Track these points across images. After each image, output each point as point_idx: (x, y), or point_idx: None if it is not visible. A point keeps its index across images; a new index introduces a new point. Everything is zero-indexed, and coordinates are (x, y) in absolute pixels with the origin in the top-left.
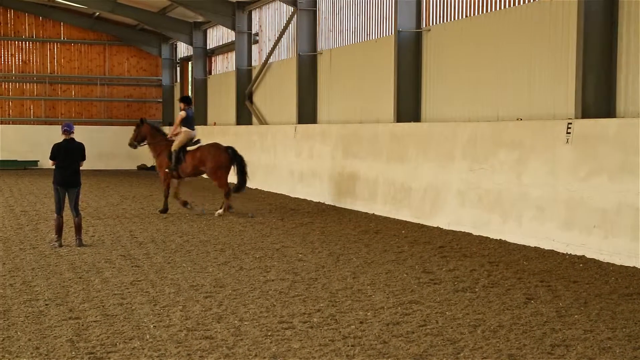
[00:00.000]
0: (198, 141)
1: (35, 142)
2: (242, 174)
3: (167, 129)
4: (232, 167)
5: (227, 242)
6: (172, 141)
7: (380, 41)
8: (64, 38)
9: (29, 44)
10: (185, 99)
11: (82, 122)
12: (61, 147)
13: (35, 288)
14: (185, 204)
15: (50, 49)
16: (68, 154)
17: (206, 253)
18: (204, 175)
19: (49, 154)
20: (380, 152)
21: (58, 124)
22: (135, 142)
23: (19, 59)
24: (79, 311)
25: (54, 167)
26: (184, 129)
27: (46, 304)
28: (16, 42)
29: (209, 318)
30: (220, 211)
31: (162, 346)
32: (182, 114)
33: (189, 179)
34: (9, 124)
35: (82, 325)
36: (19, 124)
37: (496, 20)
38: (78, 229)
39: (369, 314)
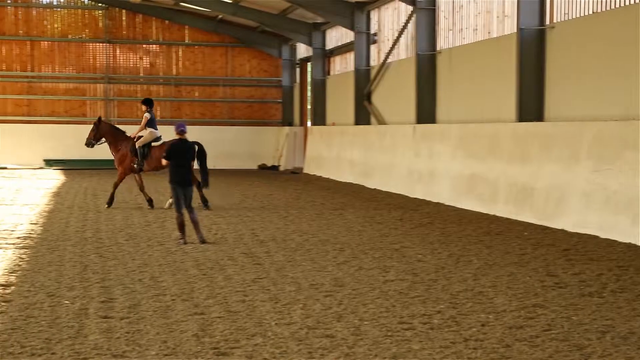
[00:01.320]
0: (159, 138)
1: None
2: (204, 170)
3: (284, 129)
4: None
5: (346, 241)
6: (132, 138)
7: (502, 39)
8: (188, 41)
9: (155, 47)
10: (147, 102)
11: (204, 122)
12: (176, 147)
13: (162, 283)
14: (150, 201)
15: (175, 52)
16: (183, 154)
17: (325, 252)
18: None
19: (163, 154)
20: (501, 152)
21: None
22: (93, 141)
23: (146, 62)
24: (203, 307)
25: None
26: (149, 129)
27: (173, 299)
28: (144, 46)
29: (329, 317)
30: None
31: (283, 343)
32: (147, 115)
33: (153, 173)
34: (138, 124)
35: (207, 320)
36: None
37: (624, 15)
38: (196, 225)
39: (490, 316)
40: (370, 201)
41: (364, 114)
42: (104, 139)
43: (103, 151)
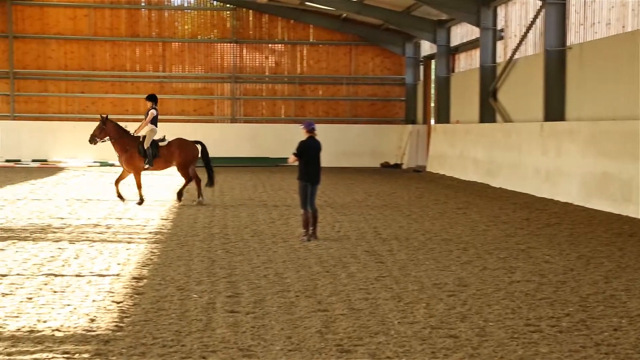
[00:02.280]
0: (164, 137)
1: (286, 140)
2: (210, 169)
3: (407, 127)
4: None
5: (470, 241)
6: (137, 138)
7: (637, 33)
8: (312, 40)
9: (280, 46)
10: (153, 98)
11: (328, 120)
12: (307, 145)
13: (286, 280)
14: (121, 196)
15: (300, 51)
16: (313, 152)
17: (449, 251)
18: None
19: (293, 152)
20: (636, 151)
21: None
22: (97, 139)
23: (271, 61)
24: (326, 304)
25: (295, 163)
26: (151, 126)
27: (296, 296)
28: (269, 45)
29: (453, 317)
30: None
31: (406, 342)
32: (154, 112)
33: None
34: (263, 123)
35: (330, 317)
36: (272, 123)
37: None
38: (315, 222)
39: (623, 321)
40: (495, 200)
41: (489, 111)
42: (107, 137)
43: (225, 149)
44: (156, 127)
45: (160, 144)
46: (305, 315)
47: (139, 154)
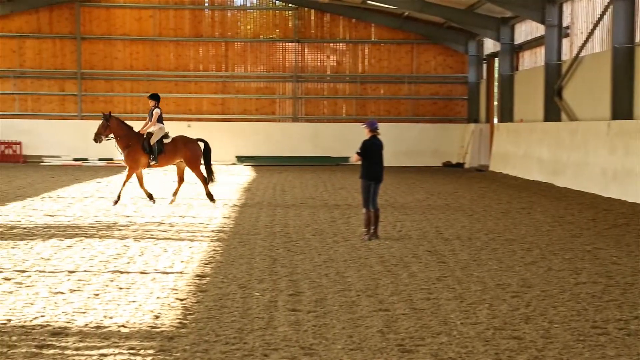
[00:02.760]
0: (167, 135)
1: (347, 139)
2: (209, 166)
3: (469, 126)
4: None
5: (534, 241)
6: (141, 135)
7: None
8: (374, 39)
9: (342, 45)
10: (156, 97)
11: (389, 119)
12: (371, 144)
13: (347, 279)
14: (151, 196)
15: (361, 50)
16: (376, 151)
17: (512, 252)
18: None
19: (357, 151)
20: None
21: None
22: (102, 136)
23: (333, 61)
24: (388, 303)
25: (358, 162)
26: (159, 125)
27: (358, 295)
28: (331, 45)
29: (517, 318)
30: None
31: (469, 343)
32: (158, 111)
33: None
34: (324, 122)
35: (392, 317)
36: (333, 122)
37: None
38: (377, 220)
39: None
40: (560, 200)
41: (553, 110)
42: (112, 135)
43: (286, 149)
44: (163, 124)
45: (165, 140)
46: (367, 314)
47: (143, 151)
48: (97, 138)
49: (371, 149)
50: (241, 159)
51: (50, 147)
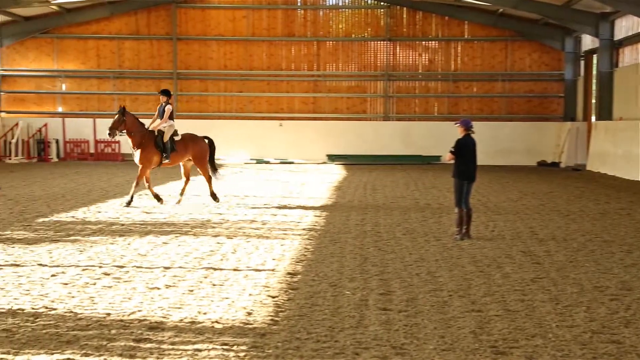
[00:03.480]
0: (176, 132)
1: (439, 138)
2: (213, 162)
3: (566, 125)
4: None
5: (634, 243)
6: (153, 132)
7: None
8: (467, 36)
9: (434, 43)
10: (167, 93)
11: (482, 118)
12: (464, 143)
13: (439, 279)
14: (158, 197)
15: (454, 48)
16: (469, 150)
17: (611, 254)
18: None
19: (450, 149)
20: None
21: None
22: (117, 131)
23: (425, 59)
24: (480, 304)
25: (451, 161)
26: (170, 121)
27: (449, 295)
28: (423, 43)
29: (616, 322)
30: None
31: (565, 346)
32: (170, 107)
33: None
34: (416, 120)
35: (484, 318)
36: (425, 120)
37: None
38: (469, 220)
39: None
40: None
41: None
42: (124, 130)
43: (377, 147)
44: (173, 122)
45: (175, 138)
46: (459, 315)
47: (156, 149)
48: (112, 132)
49: (465, 148)
50: (332, 158)
51: None
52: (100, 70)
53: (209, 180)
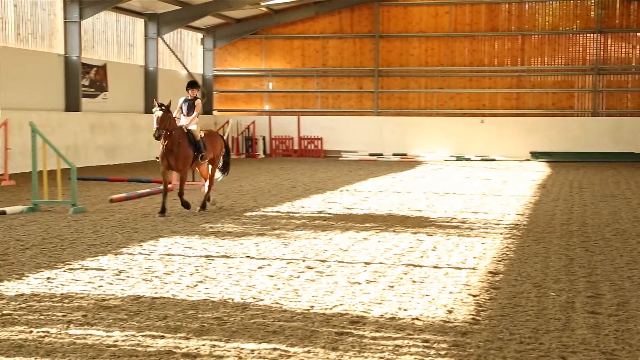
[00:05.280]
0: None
1: None
2: (228, 160)
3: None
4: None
5: None
6: (184, 130)
7: None
8: None
9: None
10: (197, 85)
11: None
12: None
13: None
14: (186, 204)
15: None
16: None
17: None
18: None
19: None
20: None
21: None
22: (162, 131)
23: (639, 51)
24: None
25: None
26: (196, 118)
27: None
28: (638, 34)
29: None
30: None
31: None
32: (199, 102)
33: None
34: (627, 116)
35: None
36: (637, 116)
37: None
38: None
39: None
40: None
41: None
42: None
43: (584, 144)
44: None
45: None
46: None
47: (191, 149)
48: (159, 135)
49: None
50: (535, 155)
51: (348, 143)
52: (305, 69)
53: (212, 184)
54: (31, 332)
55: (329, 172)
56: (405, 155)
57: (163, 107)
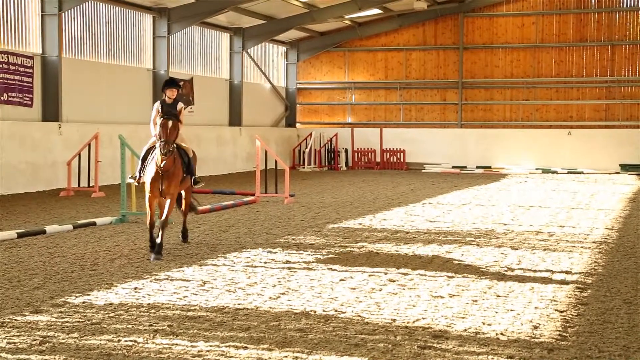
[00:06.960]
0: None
1: None
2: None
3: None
4: None
5: None
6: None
7: None
8: None
9: None
10: (176, 83)
11: None
12: None
13: None
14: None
15: None
16: None
17: None
18: None
19: None
20: None
21: None
22: (174, 145)
23: None
24: None
25: None
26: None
27: None
28: None
29: None
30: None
31: None
32: (182, 107)
33: None
34: None
35: None
36: None
37: None
38: None
39: None
40: None
41: None
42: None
43: None
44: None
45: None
46: None
47: (183, 170)
48: (169, 147)
49: None
50: (625, 168)
51: (431, 155)
52: (388, 81)
53: (189, 209)
54: (119, 340)
55: (411, 185)
56: (489, 167)
57: (175, 117)
